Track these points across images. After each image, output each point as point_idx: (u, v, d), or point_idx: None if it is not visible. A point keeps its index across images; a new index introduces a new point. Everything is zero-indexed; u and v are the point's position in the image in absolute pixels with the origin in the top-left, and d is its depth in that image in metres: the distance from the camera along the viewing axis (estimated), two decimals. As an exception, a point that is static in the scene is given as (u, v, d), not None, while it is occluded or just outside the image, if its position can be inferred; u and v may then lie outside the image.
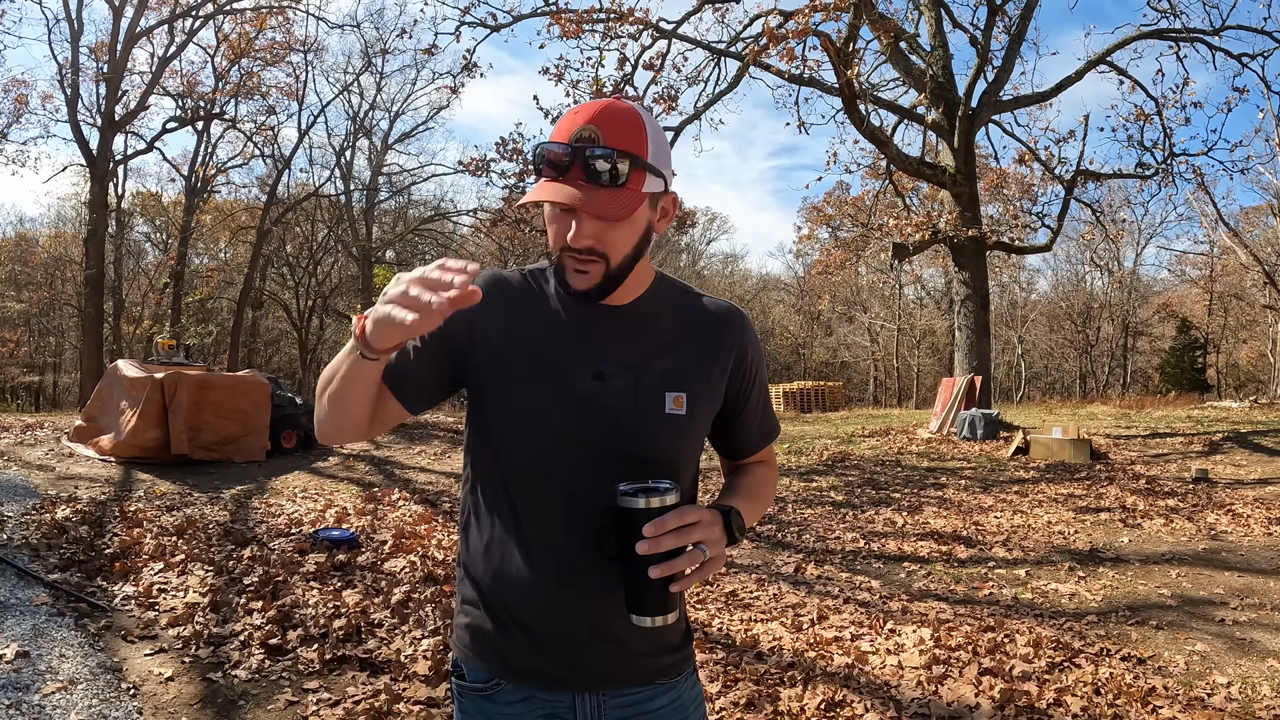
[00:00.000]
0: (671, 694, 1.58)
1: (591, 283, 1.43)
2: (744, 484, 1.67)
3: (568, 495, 1.44)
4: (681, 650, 1.60)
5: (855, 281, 48.86)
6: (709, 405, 1.58)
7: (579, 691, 1.51)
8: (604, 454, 1.45)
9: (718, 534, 1.38)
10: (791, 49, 14.76)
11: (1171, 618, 5.62)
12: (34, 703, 3.75)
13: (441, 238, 40.89)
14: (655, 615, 1.35)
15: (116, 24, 25.77)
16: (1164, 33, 19.08)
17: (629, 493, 1.33)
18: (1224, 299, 46.54)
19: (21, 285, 40.12)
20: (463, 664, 1.55)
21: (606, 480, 1.40)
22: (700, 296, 1.64)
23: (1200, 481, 11.01)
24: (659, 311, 1.56)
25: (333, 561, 6.30)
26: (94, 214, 26.04)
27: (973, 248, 17.70)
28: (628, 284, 1.49)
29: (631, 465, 1.44)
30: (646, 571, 1.31)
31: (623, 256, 1.43)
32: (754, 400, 1.67)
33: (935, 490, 10.69)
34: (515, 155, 17.10)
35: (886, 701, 4.10)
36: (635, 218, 1.41)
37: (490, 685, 1.52)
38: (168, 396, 10.73)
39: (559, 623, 1.47)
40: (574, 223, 1.38)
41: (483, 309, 1.37)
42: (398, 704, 3.91)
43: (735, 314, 1.63)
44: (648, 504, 1.31)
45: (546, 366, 1.46)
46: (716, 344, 1.59)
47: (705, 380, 1.56)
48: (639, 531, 1.30)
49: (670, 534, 1.30)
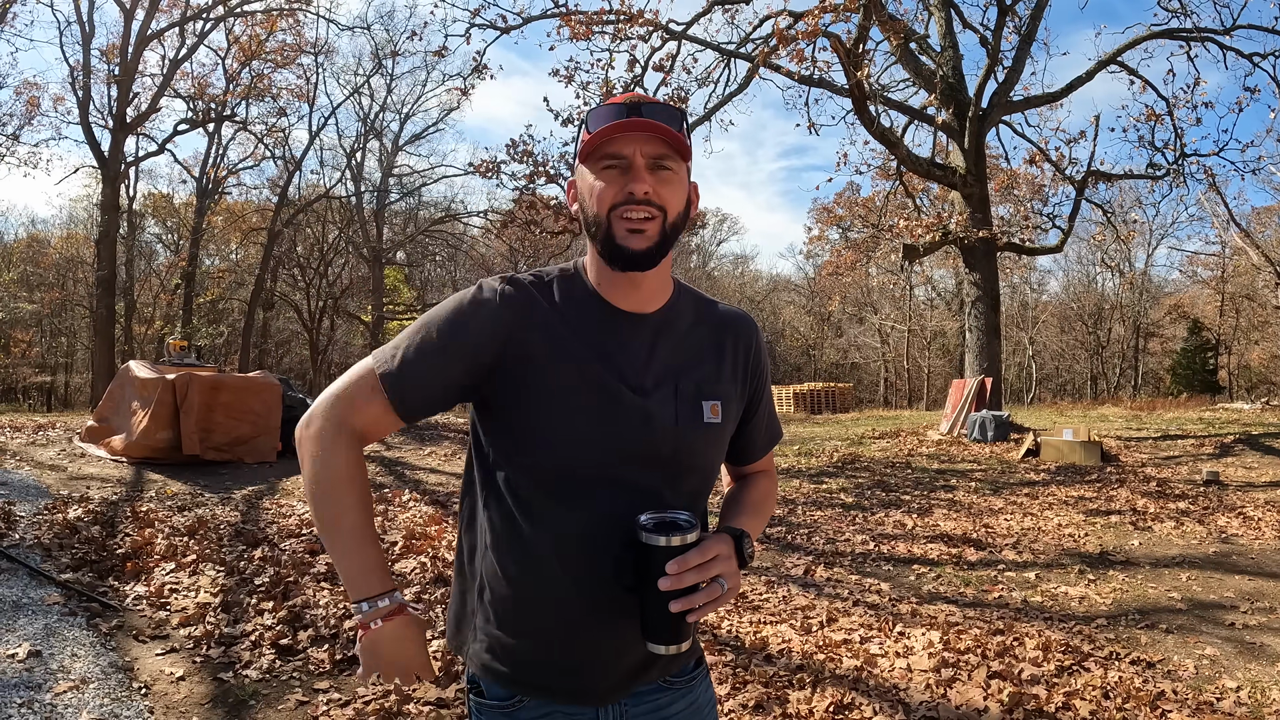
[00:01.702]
0: (688, 698, 1.61)
1: (649, 241, 1.42)
2: (749, 499, 1.70)
3: (607, 511, 1.42)
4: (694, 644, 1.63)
5: (866, 283, 48.69)
6: (736, 412, 1.62)
7: (602, 704, 1.52)
8: (648, 466, 1.46)
9: (734, 565, 1.41)
10: (801, 50, 14.77)
11: (1181, 621, 5.60)
12: (46, 702, 3.77)
13: (452, 239, 40.95)
14: (672, 644, 1.37)
15: (128, 26, 25.89)
16: (1175, 32, 19.00)
17: (650, 528, 1.33)
18: (1235, 300, 46.29)
19: (33, 286, 40.30)
20: (481, 681, 1.54)
21: (647, 494, 1.44)
22: (716, 304, 1.66)
23: (1211, 484, 10.97)
24: (686, 321, 1.57)
25: (343, 562, 6.31)
26: (105, 215, 26.17)
27: (983, 249, 17.67)
28: (655, 289, 1.52)
29: (673, 475, 1.47)
30: (666, 605, 1.33)
31: (676, 214, 1.45)
32: (764, 405, 1.70)
33: (945, 492, 10.67)
34: (525, 157, 17.10)
35: (895, 705, 4.09)
36: (683, 177, 1.46)
37: (510, 702, 1.51)
38: (179, 397, 10.77)
39: (588, 639, 1.47)
40: (632, 177, 1.41)
41: (511, 323, 1.43)
42: (408, 705, 3.92)
43: (749, 321, 1.67)
44: (668, 542, 1.32)
45: (589, 380, 1.44)
46: (736, 350, 1.61)
47: (732, 387, 1.59)
48: (660, 567, 1.31)
49: (692, 571, 1.32)
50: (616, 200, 1.41)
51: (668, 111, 1.42)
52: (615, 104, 1.43)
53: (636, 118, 1.39)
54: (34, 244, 44.38)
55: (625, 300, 1.50)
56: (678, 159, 1.44)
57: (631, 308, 1.51)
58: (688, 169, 1.48)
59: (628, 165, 1.41)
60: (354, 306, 40.10)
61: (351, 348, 44.36)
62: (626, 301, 1.50)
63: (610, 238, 1.42)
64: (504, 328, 1.43)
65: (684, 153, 1.44)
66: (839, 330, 55.99)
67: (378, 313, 37.48)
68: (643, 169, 1.40)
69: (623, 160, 1.41)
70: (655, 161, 1.42)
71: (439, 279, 47.05)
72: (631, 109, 1.40)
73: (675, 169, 1.44)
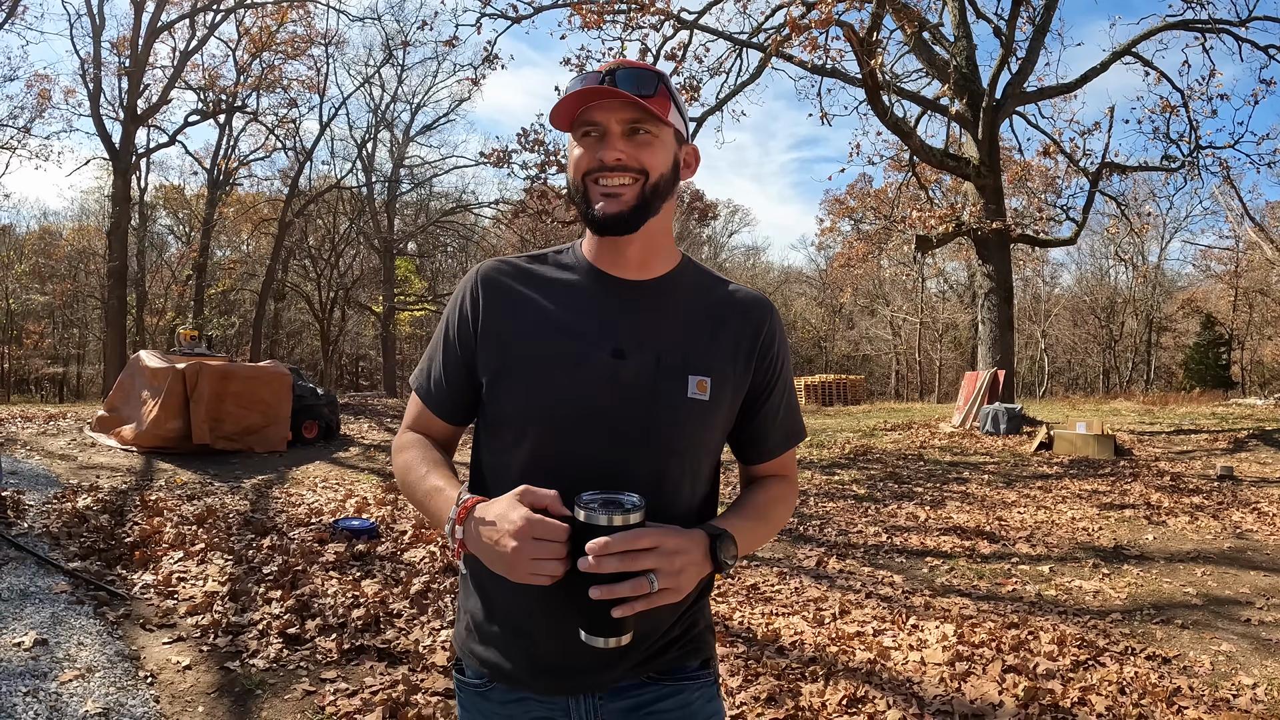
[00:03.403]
0: (678, 698, 1.51)
1: (623, 206, 1.42)
2: (754, 501, 1.57)
3: (568, 488, 1.31)
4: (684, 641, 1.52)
5: (878, 274, 48.56)
6: (732, 395, 1.52)
7: (572, 694, 1.48)
8: (623, 438, 1.40)
9: (678, 564, 1.26)
10: (814, 39, 14.69)
11: (1197, 617, 5.54)
12: (51, 690, 3.75)
13: (463, 230, 40.95)
14: (606, 637, 1.26)
15: (138, 18, 25.89)
16: (1190, 23, 18.82)
17: (586, 503, 1.25)
18: (1249, 295, 46.05)
19: (45, 278, 40.48)
20: (461, 658, 1.56)
21: (622, 471, 1.38)
22: (728, 283, 1.60)
23: (1225, 479, 10.88)
24: (684, 292, 1.54)
25: (352, 551, 6.30)
26: (117, 207, 26.22)
27: (996, 241, 17.57)
28: (651, 257, 1.51)
29: (652, 450, 1.40)
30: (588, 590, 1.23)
31: (659, 175, 1.44)
32: (776, 395, 1.59)
33: (958, 485, 10.61)
34: (537, 146, 17.07)
35: (909, 698, 4.05)
36: (665, 139, 1.45)
37: (485, 684, 1.52)
38: (189, 387, 10.78)
39: (555, 627, 1.41)
40: (605, 144, 1.42)
41: (483, 305, 1.50)
42: (415, 694, 3.89)
43: (764, 303, 1.59)
44: (608, 520, 1.22)
45: (563, 345, 1.44)
46: (743, 331, 1.54)
47: (730, 367, 1.50)
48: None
49: (614, 557, 1.21)
50: (590, 167, 1.43)
51: (641, 76, 1.40)
52: (594, 73, 1.42)
53: (606, 85, 1.38)
54: (46, 236, 44.56)
55: (614, 267, 1.51)
56: (655, 121, 1.43)
57: (622, 274, 1.51)
58: (677, 131, 1.48)
59: (603, 132, 1.42)
60: (365, 297, 40.10)
61: (362, 339, 44.49)
62: (615, 268, 1.51)
63: (586, 203, 1.44)
64: (477, 306, 1.50)
65: (660, 116, 1.41)
66: (850, 322, 55.87)
67: (388, 304, 37.49)
68: (617, 135, 1.41)
69: (599, 127, 1.42)
70: (631, 126, 1.42)
71: (450, 270, 47.08)
72: (606, 76, 1.40)
73: (655, 131, 1.43)
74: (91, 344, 42.93)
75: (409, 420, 1.61)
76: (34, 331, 41.40)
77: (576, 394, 1.41)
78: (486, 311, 1.49)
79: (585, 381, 1.41)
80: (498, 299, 1.50)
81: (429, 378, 1.56)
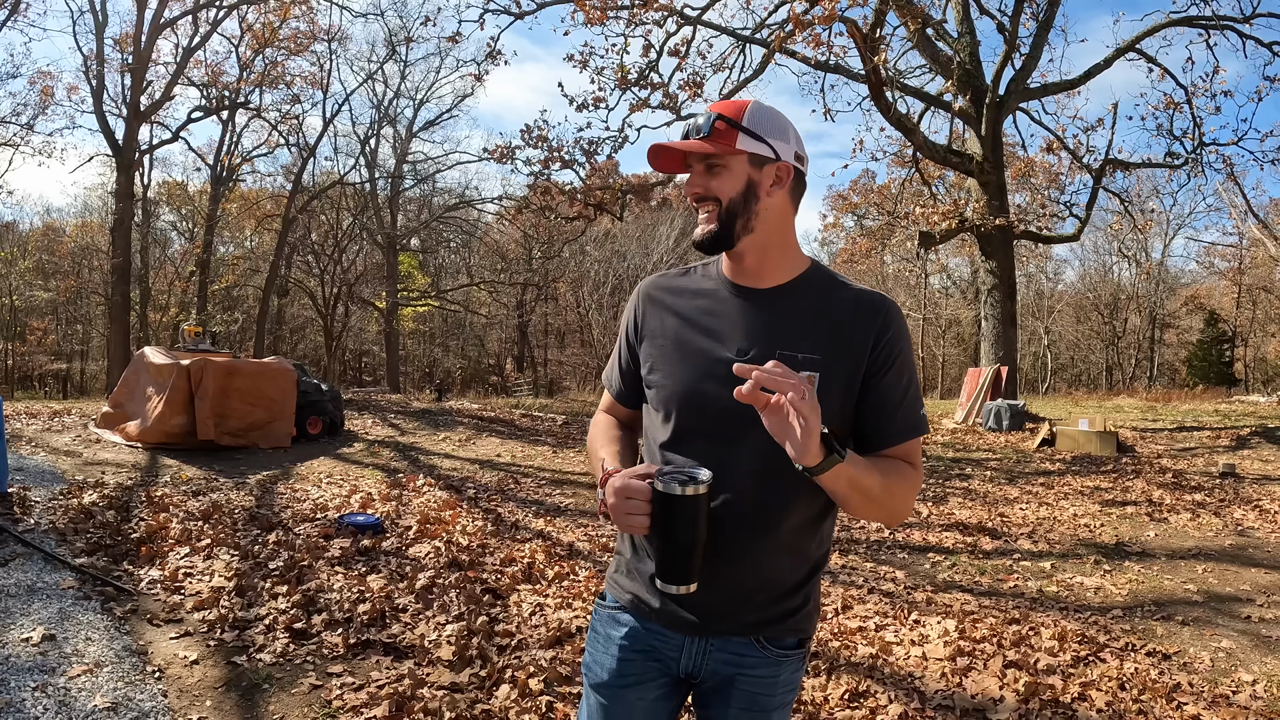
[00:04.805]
0: (771, 668, 1.71)
1: (707, 229, 1.67)
2: (876, 460, 1.60)
3: (701, 458, 1.62)
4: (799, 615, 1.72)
5: (881, 270, 48.55)
6: (841, 393, 1.62)
7: (689, 634, 1.71)
8: (738, 423, 1.58)
9: (808, 409, 1.39)
10: (818, 35, 14.69)
11: (1197, 614, 5.56)
12: (60, 685, 3.78)
13: (466, 225, 40.94)
14: (679, 584, 1.56)
15: (141, 15, 25.86)
16: (1194, 20, 18.80)
17: (662, 475, 1.51)
18: (1253, 292, 45.98)
19: (49, 274, 40.49)
20: (607, 590, 1.87)
21: (743, 451, 1.61)
22: (850, 284, 1.73)
23: (1227, 476, 10.90)
24: (807, 295, 1.71)
25: (357, 547, 6.33)
26: (120, 203, 26.22)
27: (1000, 237, 17.57)
28: (767, 267, 1.72)
29: (760, 433, 1.49)
30: (674, 549, 1.53)
31: (729, 199, 1.65)
32: (891, 383, 1.64)
33: (960, 481, 10.63)
34: (540, 142, 17.09)
35: (911, 693, 4.07)
36: (732, 166, 1.65)
37: (620, 609, 1.81)
38: (194, 383, 10.79)
39: None
40: (689, 180, 1.70)
41: (643, 314, 1.83)
42: (421, 689, 3.91)
43: (882, 302, 1.69)
44: (683, 491, 1.48)
45: (694, 345, 1.71)
46: (857, 330, 1.64)
47: (841, 365, 1.62)
48: (670, 514, 1.50)
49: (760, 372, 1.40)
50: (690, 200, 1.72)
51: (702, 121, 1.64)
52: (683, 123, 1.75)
53: (666, 143, 1.66)
54: (49, 232, 44.60)
55: (739, 277, 1.75)
56: (721, 155, 1.63)
57: (747, 283, 1.73)
58: (749, 155, 1.64)
59: (691, 171, 1.70)
60: (368, 293, 40.09)
61: (366, 334, 44.46)
62: (741, 278, 1.74)
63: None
64: (636, 313, 1.85)
65: (722, 148, 1.61)
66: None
67: (392, 299, 37.52)
68: (698, 172, 1.67)
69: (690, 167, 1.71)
70: (707, 163, 1.66)
71: (453, 265, 47.11)
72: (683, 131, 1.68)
73: (723, 163, 1.64)
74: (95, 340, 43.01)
75: (601, 404, 2.01)
76: (38, 328, 41.43)
77: (704, 384, 1.66)
78: (645, 319, 1.82)
79: (712, 374, 1.65)
80: (651, 309, 1.82)
81: (612, 371, 1.94)
